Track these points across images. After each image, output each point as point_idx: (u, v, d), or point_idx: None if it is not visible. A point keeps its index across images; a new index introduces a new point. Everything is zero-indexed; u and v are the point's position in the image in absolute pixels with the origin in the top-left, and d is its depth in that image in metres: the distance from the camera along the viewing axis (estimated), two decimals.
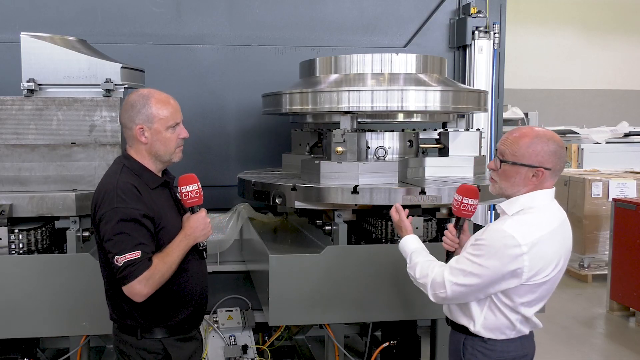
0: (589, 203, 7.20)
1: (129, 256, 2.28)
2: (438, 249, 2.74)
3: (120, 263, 2.29)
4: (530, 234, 2.27)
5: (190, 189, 2.50)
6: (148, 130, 2.45)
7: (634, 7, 15.07)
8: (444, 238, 2.67)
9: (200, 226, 2.49)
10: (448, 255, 2.66)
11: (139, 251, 2.30)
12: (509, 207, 2.40)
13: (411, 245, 2.66)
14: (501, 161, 2.38)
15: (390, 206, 3.45)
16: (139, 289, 2.31)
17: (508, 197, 2.42)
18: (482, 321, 2.42)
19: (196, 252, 2.55)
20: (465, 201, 2.56)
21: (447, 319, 2.65)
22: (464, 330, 2.49)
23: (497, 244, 2.27)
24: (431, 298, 2.44)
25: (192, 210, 2.54)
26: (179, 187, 2.53)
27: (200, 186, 2.53)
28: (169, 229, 2.46)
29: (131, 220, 2.32)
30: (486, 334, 2.43)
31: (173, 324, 2.52)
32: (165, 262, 2.37)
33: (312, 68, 3.88)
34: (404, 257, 2.68)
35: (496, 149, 2.46)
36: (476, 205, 2.61)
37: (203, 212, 2.54)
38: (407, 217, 2.81)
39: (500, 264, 2.26)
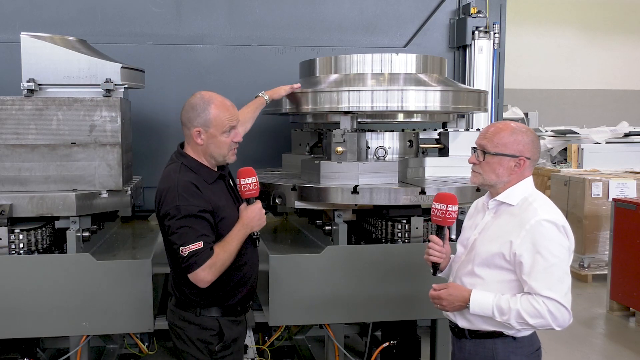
0: (589, 203, 7.19)
1: (192, 247, 2.49)
2: None
3: (185, 253, 2.50)
4: (562, 216, 2.39)
5: (249, 182, 2.71)
6: (204, 133, 2.62)
7: (634, 7, 15.08)
8: (429, 251, 2.61)
9: (256, 217, 2.69)
10: (435, 268, 2.64)
11: (201, 242, 2.50)
12: (509, 198, 2.45)
13: (483, 298, 2.39)
14: (484, 153, 2.44)
15: (391, 206, 3.44)
16: (203, 275, 2.51)
17: (491, 187, 2.50)
18: None
19: (250, 241, 2.73)
20: (450, 209, 2.54)
21: (458, 329, 2.56)
22: (491, 335, 2.44)
23: (552, 232, 2.32)
24: (559, 329, 2.34)
25: (248, 202, 2.72)
26: (238, 180, 2.73)
27: (257, 179, 2.73)
28: (228, 219, 2.64)
29: (192, 216, 2.52)
30: (519, 333, 2.41)
31: (228, 305, 2.72)
32: (226, 251, 2.57)
33: (312, 68, 3.88)
34: (483, 314, 2.40)
35: (473, 147, 2.52)
36: (457, 210, 2.58)
37: (259, 203, 2.73)
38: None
39: (566, 247, 2.34)
